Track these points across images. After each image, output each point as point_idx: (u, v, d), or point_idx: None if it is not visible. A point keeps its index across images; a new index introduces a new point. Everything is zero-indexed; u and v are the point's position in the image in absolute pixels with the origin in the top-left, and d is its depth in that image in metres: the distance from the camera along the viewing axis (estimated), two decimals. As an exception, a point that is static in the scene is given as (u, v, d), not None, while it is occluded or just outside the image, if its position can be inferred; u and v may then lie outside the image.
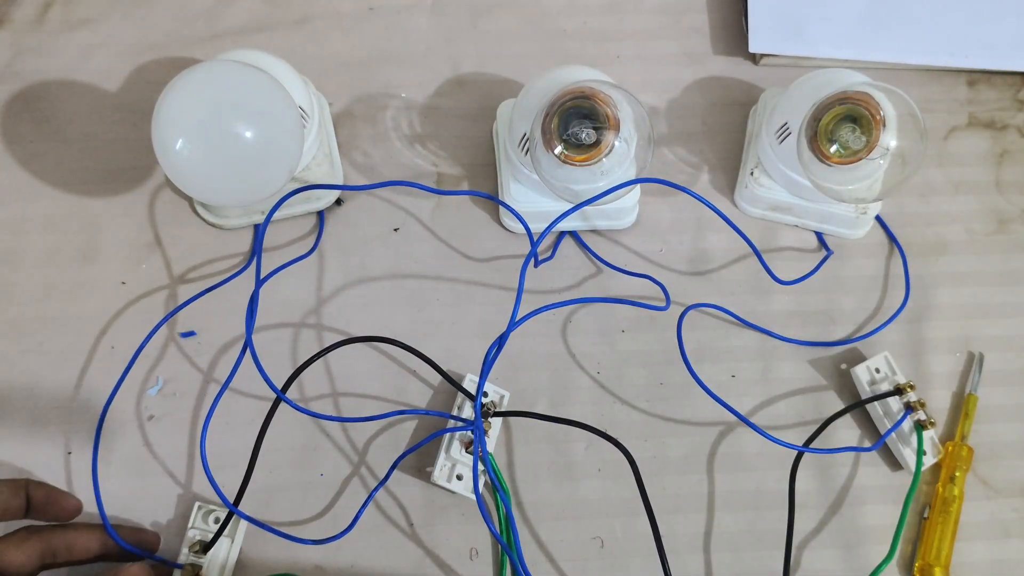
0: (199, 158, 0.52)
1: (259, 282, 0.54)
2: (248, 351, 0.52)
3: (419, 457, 0.56)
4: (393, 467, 0.55)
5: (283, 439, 0.56)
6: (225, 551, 0.52)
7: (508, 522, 0.54)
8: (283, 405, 0.57)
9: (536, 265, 0.61)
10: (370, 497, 0.54)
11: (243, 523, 0.53)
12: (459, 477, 0.54)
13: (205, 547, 0.51)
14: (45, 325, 0.59)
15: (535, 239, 0.58)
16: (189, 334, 0.59)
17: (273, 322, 0.59)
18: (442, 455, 0.54)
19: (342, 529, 0.53)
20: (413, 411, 0.57)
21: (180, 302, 0.59)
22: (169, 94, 0.52)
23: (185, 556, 0.51)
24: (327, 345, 0.52)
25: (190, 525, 0.52)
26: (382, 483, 0.54)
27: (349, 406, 0.58)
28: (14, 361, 0.58)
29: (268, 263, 0.60)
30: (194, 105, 0.52)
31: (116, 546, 0.50)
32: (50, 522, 0.49)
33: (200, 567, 0.51)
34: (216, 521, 0.52)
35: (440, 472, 0.54)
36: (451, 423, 0.55)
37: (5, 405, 0.56)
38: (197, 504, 0.53)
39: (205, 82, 0.52)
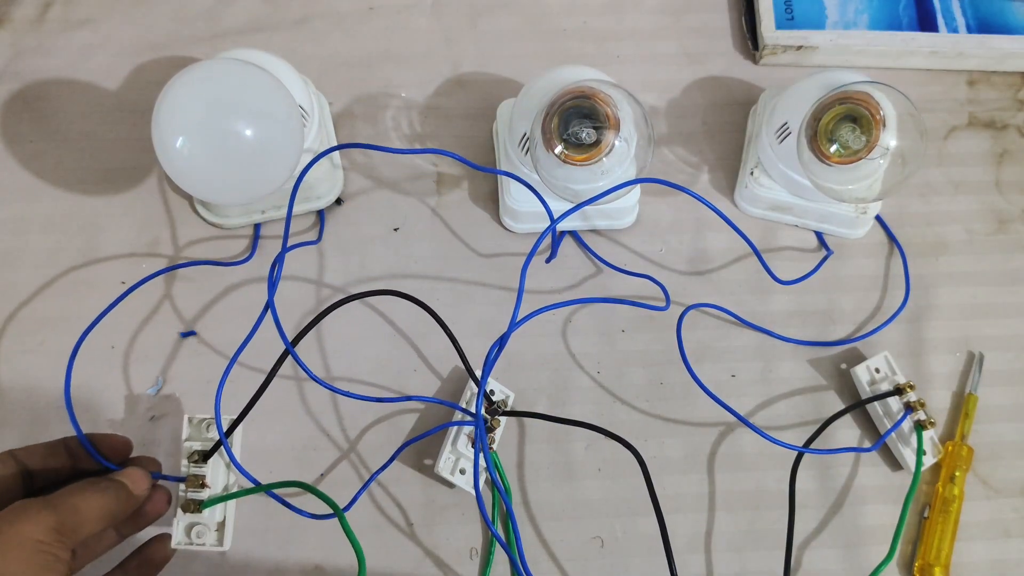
0: (199, 157, 0.52)
1: (285, 248, 0.53)
2: (268, 311, 0.51)
3: (420, 455, 0.56)
4: (397, 453, 0.55)
5: (283, 440, 0.56)
6: (225, 459, 0.50)
7: (508, 520, 0.54)
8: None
9: (548, 260, 0.61)
10: (371, 479, 0.54)
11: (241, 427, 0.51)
12: (462, 471, 0.54)
13: (204, 456, 0.49)
14: (45, 325, 0.59)
15: (537, 239, 0.57)
16: (190, 334, 0.59)
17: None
18: (447, 447, 0.54)
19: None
20: (421, 398, 0.57)
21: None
22: (169, 93, 0.52)
23: (186, 468, 0.50)
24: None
25: (184, 437, 0.50)
26: (384, 467, 0.54)
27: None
28: (14, 361, 0.58)
29: (267, 261, 0.60)
30: (194, 104, 0.52)
31: (89, 459, 0.47)
32: (101, 467, 0.47)
33: (203, 476, 0.49)
34: (210, 428, 0.50)
35: (444, 464, 0.54)
36: (457, 415, 0.55)
37: (5, 405, 0.56)
38: (187, 417, 0.51)
39: (205, 81, 0.52)
